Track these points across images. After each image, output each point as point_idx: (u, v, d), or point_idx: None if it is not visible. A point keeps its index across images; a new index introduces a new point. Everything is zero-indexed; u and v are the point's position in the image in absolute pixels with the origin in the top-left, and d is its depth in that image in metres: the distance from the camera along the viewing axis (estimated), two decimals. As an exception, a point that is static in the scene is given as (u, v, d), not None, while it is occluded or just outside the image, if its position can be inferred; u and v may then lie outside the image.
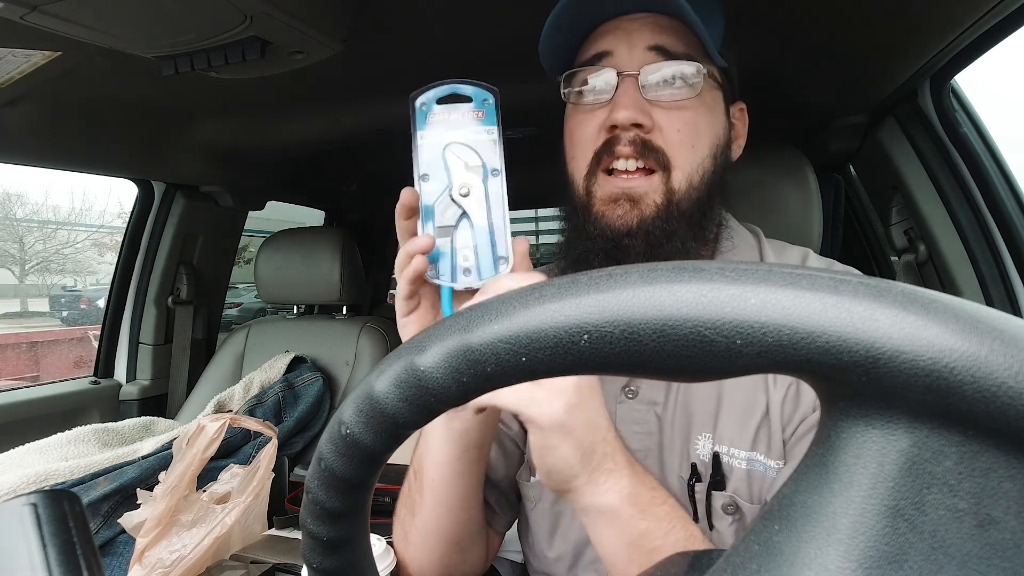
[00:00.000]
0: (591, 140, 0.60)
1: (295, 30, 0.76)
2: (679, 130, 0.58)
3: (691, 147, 0.59)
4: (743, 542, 0.20)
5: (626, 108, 0.57)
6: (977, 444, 0.17)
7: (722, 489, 0.57)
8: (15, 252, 12.43)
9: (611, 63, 0.59)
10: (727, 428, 0.58)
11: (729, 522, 0.57)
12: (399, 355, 0.23)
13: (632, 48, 0.59)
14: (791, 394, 0.57)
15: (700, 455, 0.59)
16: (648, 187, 0.58)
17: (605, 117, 0.59)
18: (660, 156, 0.58)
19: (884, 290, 0.17)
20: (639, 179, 0.59)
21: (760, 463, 0.56)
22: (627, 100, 0.57)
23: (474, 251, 0.51)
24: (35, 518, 0.22)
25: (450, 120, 0.52)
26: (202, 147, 1.43)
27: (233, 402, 1.41)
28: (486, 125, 0.52)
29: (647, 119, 0.58)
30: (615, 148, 0.58)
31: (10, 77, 0.90)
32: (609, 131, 0.59)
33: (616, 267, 0.21)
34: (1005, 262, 1.00)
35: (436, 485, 0.58)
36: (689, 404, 0.60)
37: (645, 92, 0.58)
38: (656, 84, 0.58)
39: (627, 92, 0.58)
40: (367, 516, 0.29)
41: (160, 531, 0.85)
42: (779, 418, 0.56)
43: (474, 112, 0.52)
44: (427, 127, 0.51)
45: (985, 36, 0.86)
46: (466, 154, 0.52)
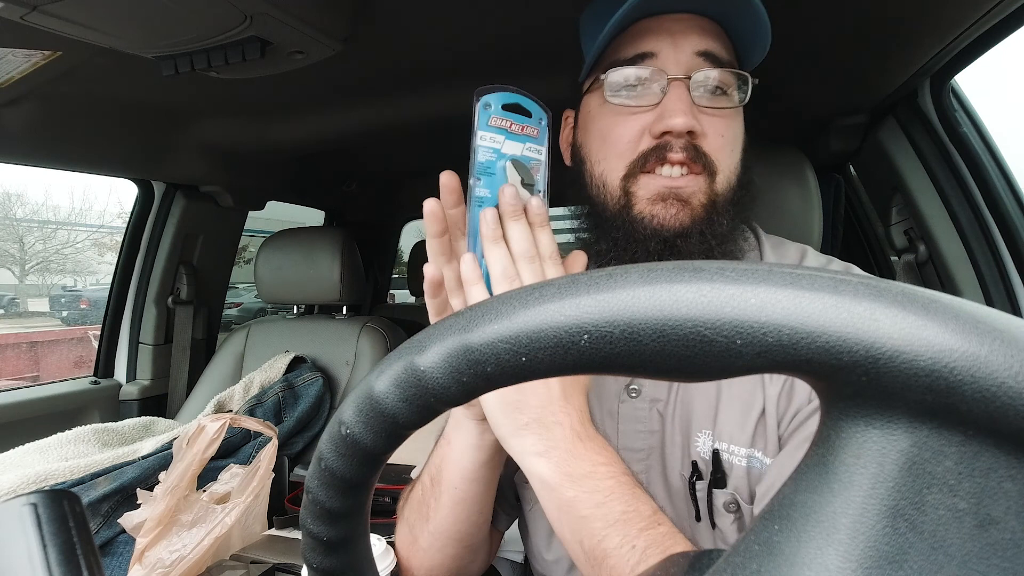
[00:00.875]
0: (632, 143, 0.59)
1: (295, 30, 0.76)
2: (723, 135, 0.58)
3: (731, 151, 0.60)
4: (743, 542, 0.20)
5: (683, 115, 0.56)
6: (977, 444, 0.17)
7: (723, 487, 0.57)
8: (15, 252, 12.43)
9: (656, 64, 0.58)
10: (727, 425, 0.58)
11: (731, 520, 0.57)
12: (399, 355, 0.23)
13: (678, 51, 0.57)
14: (785, 390, 0.57)
15: (700, 452, 0.59)
16: (696, 187, 0.58)
17: (651, 121, 0.58)
18: (708, 161, 0.58)
19: (884, 290, 0.17)
20: (687, 178, 0.58)
21: (758, 460, 0.57)
22: (682, 106, 0.56)
23: None
24: (35, 518, 0.22)
25: (511, 130, 0.52)
26: (202, 147, 1.43)
27: (233, 402, 1.41)
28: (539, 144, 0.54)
29: (699, 125, 0.57)
30: (667, 154, 0.57)
31: (10, 77, 0.90)
32: (658, 136, 0.58)
33: (616, 267, 0.20)
34: (1005, 262, 1.00)
35: (459, 492, 0.59)
36: (689, 401, 0.60)
37: (694, 99, 0.58)
38: (705, 91, 0.58)
39: (681, 98, 0.57)
40: (367, 516, 0.29)
41: (160, 531, 0.85)
42: (775, 415, 0.57)
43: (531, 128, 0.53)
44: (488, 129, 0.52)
45: (985, 36, 0.86)
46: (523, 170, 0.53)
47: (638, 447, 0.62)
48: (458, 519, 0.60)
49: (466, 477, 0.58)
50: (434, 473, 0.61)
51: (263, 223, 2.34)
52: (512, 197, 0.51)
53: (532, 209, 0.52)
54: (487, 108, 0.52)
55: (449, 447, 0.59)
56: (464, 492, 0.59)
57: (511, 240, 0.51)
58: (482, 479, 0.58)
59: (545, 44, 0.90)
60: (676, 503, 0.60)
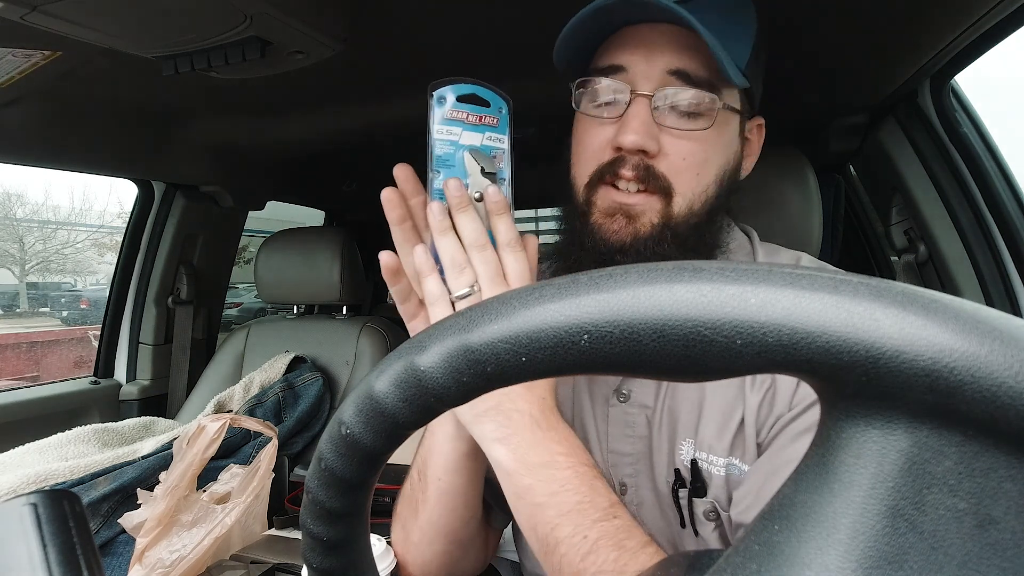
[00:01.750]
0: (596, 153, 0.59)
1: (295, 30, 0.76)
2: (685, 158, 0.57)
3: (696, 175, 0.58)
4: (743, 542, 0.20)
5: (634, 133, 0.55)
6: (977, 444, 0.17)
7: (703, 495, 0.58)
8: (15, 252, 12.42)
9: (626, 79, 0.57)
10: (707, 434, 0.58)
11: (712, 528, 0.58)
12: (399, 355, 0.23)
13: (651, 67, 0.56)
14: (767, 399, 0.56)
15: (683, 460, 0.59)
16: (647, 206, 0.57)
17: (613, 134, 0.57)
18: (662, 183, 0.57)
19: (884, 290, 0.17)
20: (639, 196, 0.57)
21: (736, 467, 0.57)
22: (636, 124, 0.55)
23: None
24: (35, 518, 0.22)
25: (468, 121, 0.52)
26: (202, 147, 1.43)
27: (233, 402, 1.41)
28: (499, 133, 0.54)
29: (653, 144, 0.56)
30: (618, 170, 0.57)
31: (10, 77, 0.90)
32: (615, 150, 0.57)
33: (616, 267, 0.20)
34: (1005, 262, 1.00)
35: (443, 483, 0.59)
36: (675, 408, 0.61)
37: (657, 116, 0.56)
38: (669, 110, 0.56)
39: (637, 115, 0.56)
40: (367, 516, 0.29)
41: (160, 531, 0.85)
42: (753, 424, 0.57)
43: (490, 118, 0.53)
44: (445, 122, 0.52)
45: (985, 36, 0.86)
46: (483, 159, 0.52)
47: (627, 451, 0.62)
48: (444, 513, 0.60)
49: (449, 468, 0.58)
50: (421, 466, 0.61)
51: (263, 223, 2.34)
52: (456, 189, 0.51)
53: (489, 197, 0.52)
54: (442, 101, 0.52)
55: (433, 438, 0.60)
56: (448, 484, 0.59)
57: (461, 230, 0.51)
58: (465, 470, 0.58)
59: (545, 44, 0.90)
60: (664, 509, 0.61)
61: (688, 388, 0.61)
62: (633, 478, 0.62)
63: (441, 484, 0.59)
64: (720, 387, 0.59)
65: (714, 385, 0.59)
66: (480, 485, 0.62)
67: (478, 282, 0.50)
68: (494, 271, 0.51)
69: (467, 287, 0.50)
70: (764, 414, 0.56)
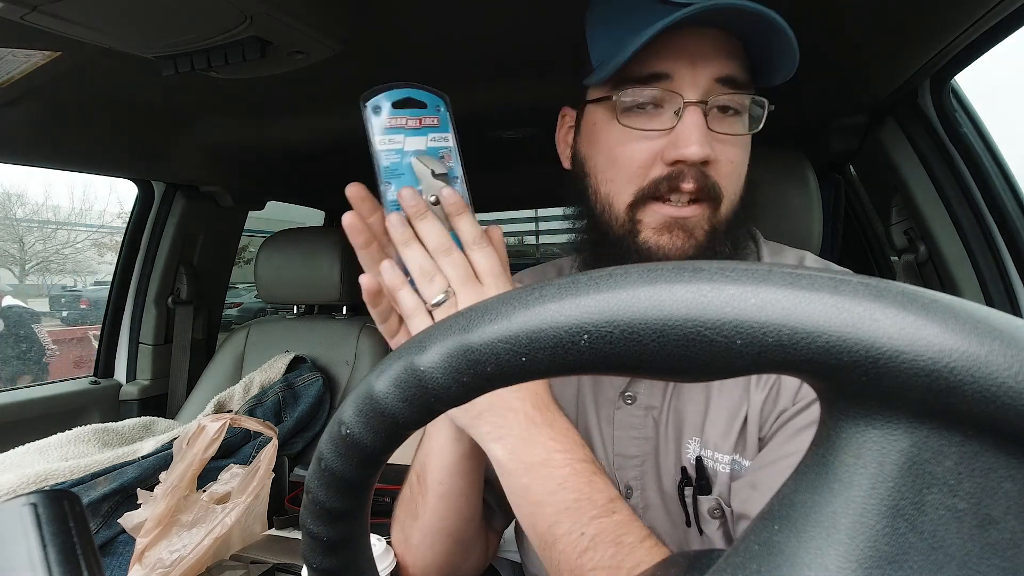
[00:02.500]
0: (643, 168, 0.57)
1: (295, 30, 0.76)
2: (732, 161, 0.57)
3: (738, 176, 0.59)
4: (743, 542, 0.20)
5: (700, 144, 0.53)
6: (977, 444, 0.17)
7: (708, 493, 0.58)
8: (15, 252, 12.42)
9: (673, 87, 0.55)
10: (713, 433, 0.58)
11: (716, 526, 0.58)
12: (399, 355, 0.23)
13: (696, 75, 0.54)
14: (771, 396, 0.57)
15: (689, 459, 0.59)
16: (700, 217, 0.57)
17: (663, 146, 0.55)
18: (714, 190, 0.56)
19: (884, 290, 0.17)
20: (691, 208, 0.57)
21: (739, 464, 0.57)
22: (698, 134, 0.54)
23: None
24: (35, 518, 0.22)
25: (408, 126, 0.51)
26: (202, 147, 1.43)
27: (233, 402, 1.41)
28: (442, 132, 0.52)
29: (712, 153, 0.55)
30: (679, 183, 0.55)
31: (10, 77, 0.90)
32: (671, 163, 0.55)
33: (616, 267, 0.21)
34: (1005, 262, 1.00)
35: (443, 486, 0.59)
36: (681, 408, 0.61)
37: (709, 123, 0.55)
38: (722, 118, 0.56)
39: (697, 125, 0.54)
40: (367, 516, 0.29)
41: (160, 531, 0.85)
42: (756, 421, 0.57)
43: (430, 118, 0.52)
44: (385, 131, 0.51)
45: (985, 36, 0.86)
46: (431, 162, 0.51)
47: (633, 453, 0.62)
48: (445, 514, 0.60)
49: (449, 471, 0.58)
50: (419, 470, 0.61)
51: (263, 223, 2.33)
52: (411, 197, 0.50)
53: (445, 199, 0.51)
54: (378, 111, 0.50)
55: (431, 442, 0.59)
56: (449, 486, 0.59)
57: (424, 237, 0.50)
58: (465, 472, 0.58)
59: (544, 44, 0.90)
60: (670, 508, 0.61)
61: (694, 388, 0.61)
62: (639, 480, 0.62)
63: (442, 487, 0.59)
64: (726, 387, 0.59)
65: (720, 385, 0.59)
66: (480, 486, 0.62)
67: (451, 286, 0.50)
68: (464, 272, 0.50)
69: (441, 293, 0.49)
70: (767, 411, 0.57)
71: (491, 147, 1.46)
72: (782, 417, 0.56)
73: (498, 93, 1.09)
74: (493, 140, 1.39)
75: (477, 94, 1.10)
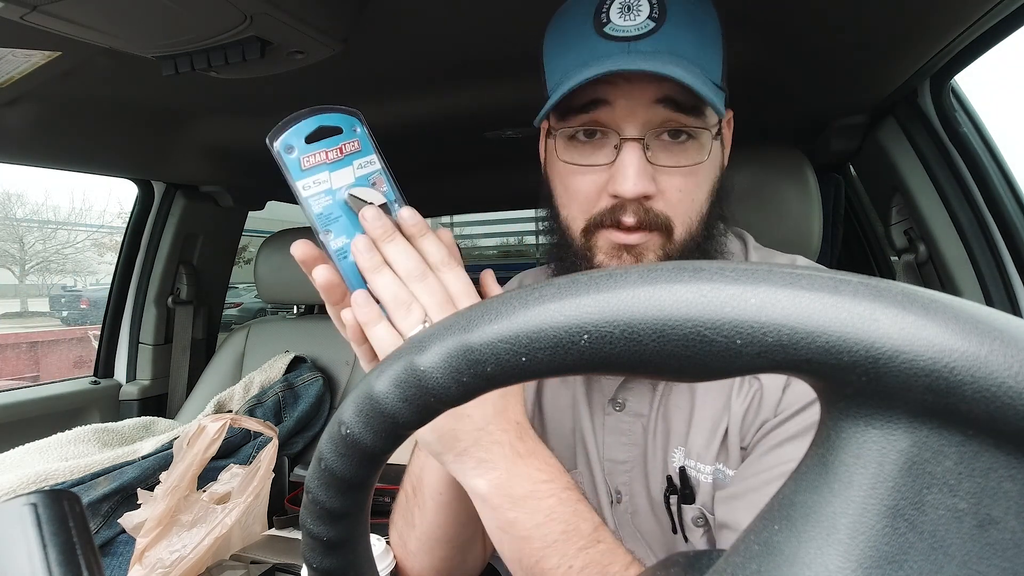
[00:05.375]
0: (589, 200, 0.57)
1: (295, 30, 0.76)
2: (680, 190, 0.56)
3: (691, 202, 0.57)
4: (743, 542, 0.20)
5: (635, 183, 0.53)
6: (977, 444, 0.17)
7: (691, 502, 0.58)
8: (15, 252, 12.42)
9: (610, 115, 0.54)
10: (696, 443, 0.59)
11: (700, 534, 0.58)
12: (399, 355, 0.23)
13: (634, 101, 0.53)
14: (752, 406, 0.57)
15: (674, 468, 0.60)
16: (650, 244, 0.57)
17: (607, 181, 0.55)
18: (662, 220, 0.55)
19: (884, 290, 0.17)
20: (640, 235, 0.56)
21: (722, 473, 0.57)
22: (634, 171, 0.53)
23: None
24: (35, 518, 0.22)
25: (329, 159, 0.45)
26: (202, 147, 1.43)
27: (233, 402, 1.41)
28: (366, 155, 0.47)
29: (653, 188, 0.54)
30: (620, 217, 0.55)
31: (10, 77, 0.90)
32: (612, 197, 0.55)
33: (616, 267, 0.21)
34: (1005, 262, 1.00)
35: (443, 497, 0.59)
36: (668, 417, 0.61)
37: (649, 156, 0.54)
38: (662, 148, 0.55)
39: (633, 162, 0.53)
40: (367, 516, 0.29)
41: (160, 531, 0.85)
42: (738, 431, 0.57)
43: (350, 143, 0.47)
44: (306, 174, 0.45)
45: (985, 36, 0.86)
46: (366, 194, 0.46)
47: (621, 459, 0.63)
48: (444, 522, 0.60)
49: (448, 482, 0.57)
50: (415, 482, 0.61)
51: (263, 223, 2.33)
52: (376, 218, 0.46)
53: (406, 221, 0.48)
54: (290, 152, 0.45)
55: (428, 458, 0.58)
56: (448, 496, 0.58)
57: (395, 263, 0.46)
58: None
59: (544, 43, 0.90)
60: (658, 515, 0.61)
61: (680, 396, 0.61)
62: (627, 486, 0.63)
63: (441, 498, 0.59)
64: (709, 396, 0.59)
65: (703, 394, 0.59)
66: None
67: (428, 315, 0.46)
68: (442, 297, 0.46)
69: (419, 324, 0.45)
70: (749, 420, 0.57)
71: (491, 147, 1.46)
72: (763, 428, 0.56)
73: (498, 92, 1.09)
74: (493, 140, 1.39)
75: (476, 93, 1.10)
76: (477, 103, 1.14)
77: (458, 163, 1.62)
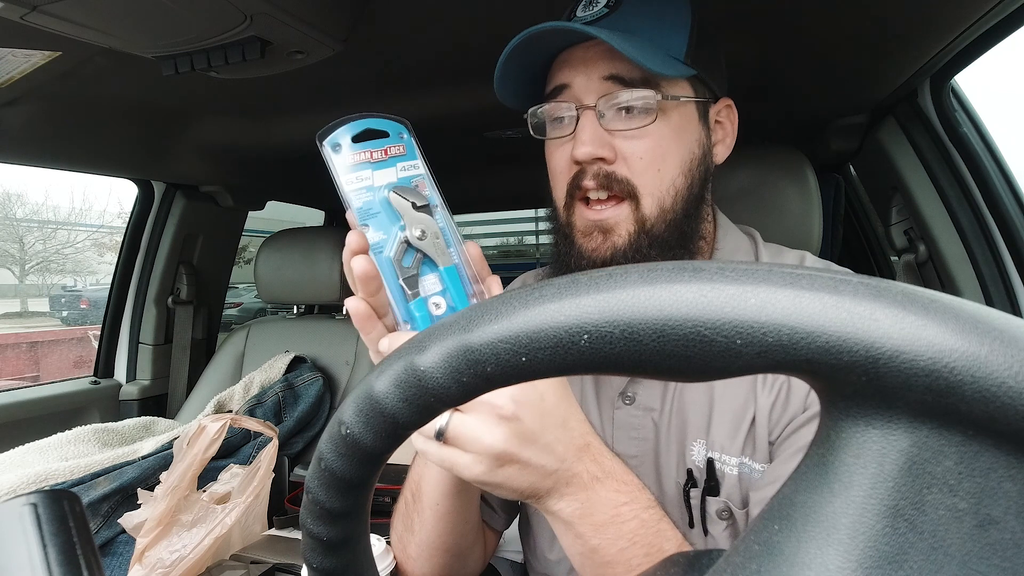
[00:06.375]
0: (564, 172, 0.61)
1: (295, 30, 0.76)
2: (642, 157, 0.58)
3: (657, 171, 0.59)
4: (743, 542, 0.20)
5: (585, 144, 0.57)
6: (977, 444, 0.17)
7: (716, 495, 0.58)
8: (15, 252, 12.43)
9: (570, 96, 0.59)
10: (719, 434, 0.58)
11: (723, 527, 0.58)
12: (399, 355, 0.23)
13: (589, 79, 0.58)
14: (780, 399, 0.57)
15: (695, 461, 0.59)
16: (619, 216, 0.59)
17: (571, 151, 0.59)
18: (625, 186, 0.58)
19: (884, 290, 0.17)
20: (610, 209, 0.59)
21: (748, 467, 0.57)
22: (586, 135, 0.57)
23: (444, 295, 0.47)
24: (35, 518, 0.22)
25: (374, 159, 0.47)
26: (202, 147, 1.43)
27: (233, 402, 1.41)
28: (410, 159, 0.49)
29: (609, 151, 0.58)
30: (581, 182, 0.59)
31: (10, 77, 0.90)
32: (575, 164, 0.59)
33: (616, 267, 0.21)
34: (1005, 262, 1.00)
35: (441, 507, 0.58)
36: (684, 410, 0.61)
37: (605, 123, 0.58)
38: (613, 115, 0.58)
39: (586, 127, 0.58)
40: (367, 516, 0.29)
41: (160, 531, 0.85)
42: (766, 423, 0.57)
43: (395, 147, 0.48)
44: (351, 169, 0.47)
45: (985, 36, 0.86)
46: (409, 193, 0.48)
47: (632, 453, 0.63)
48: (444, 532, 0.60)
49: (447, 493, 0.58)
50: (414, 490, 0.61)
51: (263, 223, 2.33)
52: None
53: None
54: (337, 149, 0.47)
55: (427, 468, 0.58)
56: (447, 507, 0.58)
57: None
58: (465, 491, 0.58)
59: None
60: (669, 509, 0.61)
61: (696, 390, 0.61)
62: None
63: (440, 508, 0.59)
64: (730, 388, 0.59)
65: (723, 386, 0.59)
66: (478, 501, 0.62)
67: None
68: None
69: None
70: (777, 414, 0.57)
71: (491, 147, 1.46)
72: (792, 424, 0.56)
73: (498, 93, 1.09)
74: (493, 140, 1.39)
75: (477, 93, 1.10)
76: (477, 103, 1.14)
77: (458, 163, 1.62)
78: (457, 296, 0.47)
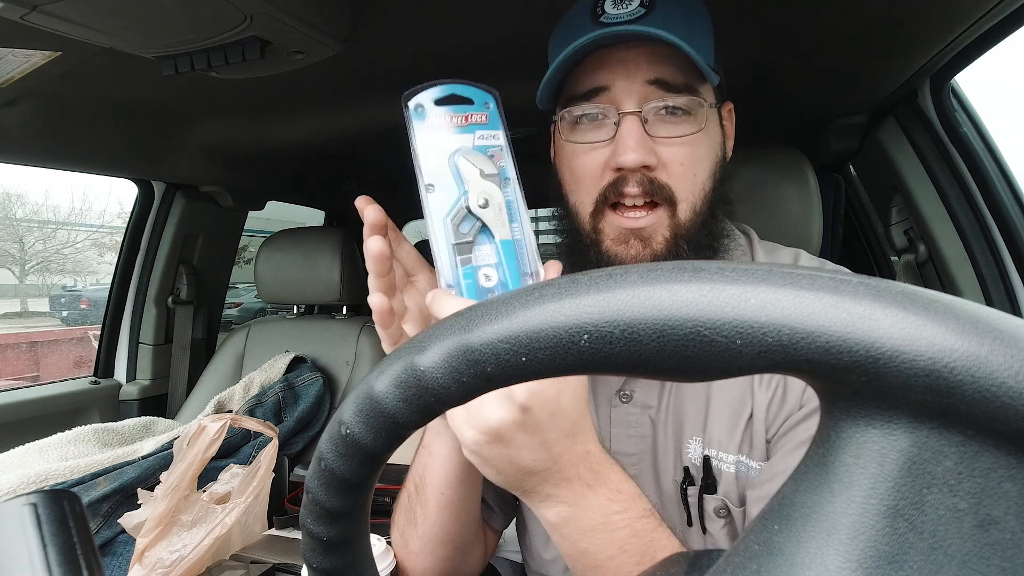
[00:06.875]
0: (595, 178, 0.59)
1: (295, 30, 0.76)
2: (682, 163, 0.58)
3: (693, 176, 0.59)
4: (743, 542, 0.20)
5: (634, 151, 0.56)
6: (977, 444, 0.17)
7: (713, 492, 0.58)
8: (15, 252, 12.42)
9: (609, 99, 0.58)
10: (716, 431, 0.58)
11: (721, 525, 0.58)
12: (399, 355, 0.23)
13: (631, 82, 0.57)
14: (777, 396, 0.57)
15: (692, 459, 0.59)
16: (656, 223, 0.58)
17: (609, 156, 0.58)
18: (666, 192, 0.57)
19: (884, 290, 0.17)
20: (646, 216, 0.58)
21: (745, 464, 0.57)
22: (633, 142, 0.56)
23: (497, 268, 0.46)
24: (35, 518, 0.22)
25: (452, 124, 0.47)
26: (202, 147, 1.43)
27: (233, 402, 1.41)
28: (492, 129, 0.48)
29: (653, 158, 0.57)
30: (623, 189, 0.57)
31: (10, 77, 0.90)
32: (616, 171, 0.58)
33: (616, 267, 0.20)
34: (1005, 262, 1.00)
35: (445, 496, 0.59)
36: (680, 408, 0.61)
37: (648, 128, 0.57)
38: (659, 122, 0.57)
39: (632, 133, 0.56)
40: (367, 516, 0.29)
41: (160, 531, 0.85)
42: (763, 420, 0.57)
43: (478, 115, 0.48)
44: (427, 131, 0.46)
45: (985, 36, 0.86)
46: (480, 161, 0.47)
47: (630, 451, 0.63)
48: (447, 522, 0.60)
49: (451, 482, 0.58)
50: (418, 481, 0.61)
51: (263, 223, 2.33)
52: None
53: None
54: (420, 110, 0.46)
55: (431, 457, 0.58)
56: (451, 496, 0.58)
57: None
58: (468, 480, 0.58)
59: (543, 44, 0.90)
60: (668, 508, 0.61)
61: (693, 387, 0.61)
62: (636, 479, 0.62)
63: (443, 497, 0.59)
64: (727, 385, 0.59)
65: (720, 384, 0.60)
66: (479, 492, 0.62)
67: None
68: None
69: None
70: (774, 411, 0.57)
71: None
72: (789, 421, 0.56)
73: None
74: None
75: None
76: (477, 103, 1.14)
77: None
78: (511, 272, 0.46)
